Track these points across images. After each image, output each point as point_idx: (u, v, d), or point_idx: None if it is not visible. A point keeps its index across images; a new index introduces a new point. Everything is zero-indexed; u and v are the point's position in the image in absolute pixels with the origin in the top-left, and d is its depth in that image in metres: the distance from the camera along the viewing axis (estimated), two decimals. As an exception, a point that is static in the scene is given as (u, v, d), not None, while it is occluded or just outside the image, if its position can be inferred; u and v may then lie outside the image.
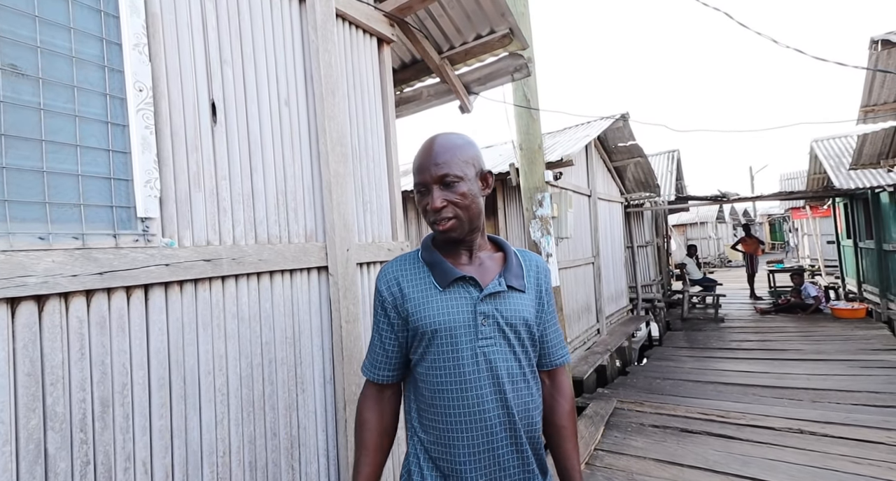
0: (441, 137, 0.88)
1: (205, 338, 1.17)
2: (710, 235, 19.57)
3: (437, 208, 0.84)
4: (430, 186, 0.85)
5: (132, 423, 1.00)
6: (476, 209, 0.88)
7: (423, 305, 0.87)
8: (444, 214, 0.85)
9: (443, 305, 0.87)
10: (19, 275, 0.82)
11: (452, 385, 0.85)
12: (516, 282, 0.90)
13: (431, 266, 0.91)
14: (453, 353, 0.86)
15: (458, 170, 0.85)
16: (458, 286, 0.88)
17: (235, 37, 1.33)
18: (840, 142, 7.94)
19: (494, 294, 0.87)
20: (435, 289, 0.88)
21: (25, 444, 0.83)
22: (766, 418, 3.22)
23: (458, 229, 0.87)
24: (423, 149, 0.88)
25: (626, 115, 5.71)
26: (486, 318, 0.86)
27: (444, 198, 0.84)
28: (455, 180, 0.84)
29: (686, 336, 6.34)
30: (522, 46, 2.25)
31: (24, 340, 0.84)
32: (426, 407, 0.89)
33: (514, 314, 0.88)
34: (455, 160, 0.85)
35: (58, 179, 0.92)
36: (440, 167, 0.84)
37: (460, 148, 0.87)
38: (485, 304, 0.86)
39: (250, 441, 1.26)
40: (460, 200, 0.85)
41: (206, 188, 1.20)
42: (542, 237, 3.48)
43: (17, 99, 0.87)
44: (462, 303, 0.87)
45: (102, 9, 1.01)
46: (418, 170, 0.87)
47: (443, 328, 0.86)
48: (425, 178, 0.86)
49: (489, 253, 0.95)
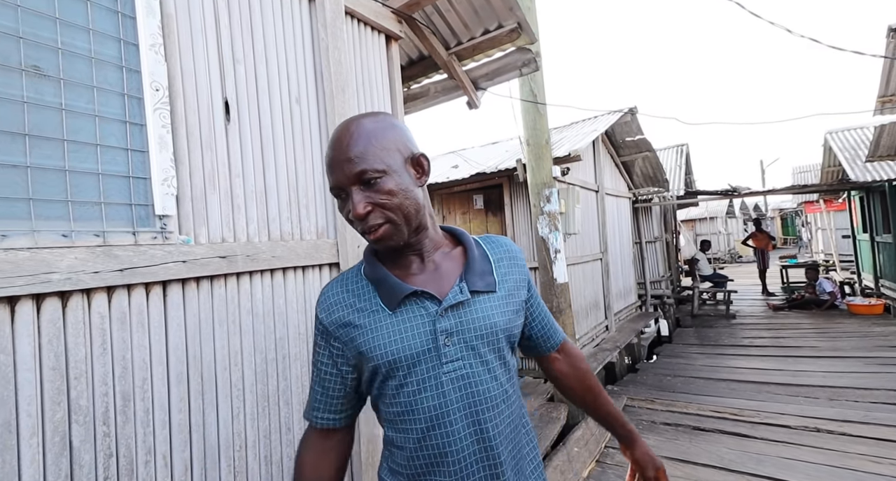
0: (352, 124, 0.69)
1: (221, 333, 1.19)
2: (720, 230, 19.33)
3: (360, 215, 0.67)
4: (348, 189, 0.68)
5: (152, 417, 1.02)
6: (412, 205, 0.70)
7: (372, 333, 0.71)
8: (371, 221, 0.68)
9: (394, 330, 0.71)
10: (44, 271, 0.84)
11: (416, 424, 0.71)
12: (482, 282, 0.75)
13: (376, 283, 0.74)
14: (415, 386, 0.71)
15: (378, 162, 0.67)
16: (411, 303, 0.72)
17: (247, 35, 1.35)
18: (855, 134, 7.78)
19: (456, 304, 0.72)
20: (383, 311, 0.72)
21: (51, 437, 0.85)
22: (781, 416, 3.18)
23: (395, 235, 0.70)
24: (331, 141, 0.70)
25: (634, 109, 5.65)
26: (450, 337, 0.71)
27: (366, 201, 0.67)
28: (376, 176, 0.67)
29: (696, 333, 6.28)
30: (531, 41, 2.24)
31: (48, 335, 0.86)
32: (393, 448, 0.76)
33: (484, 323, 0.73)
34: (372, 150, 0.67)
35: (79, 178, 0.94)
36: (354, 163, 0.66)
37: (377, 133, 0.69)
38: (445, 320, 0.71)
39: (265, 435, 1.28)
40: (388, 200, 0.68)
41: (221, 186, 1.22)
42: (549, 233, 3.47)
43: (40, 99, 0.89)
44: (417, 323, 0.71)
45: (120, 10, 1.03)
46: (329, 170, 0.70)
47: (398, 358, 0.70)
48: (339, 179, 0.68)
49: (446, 250, 0.79)
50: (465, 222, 5.10)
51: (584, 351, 4.61)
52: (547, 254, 3.46)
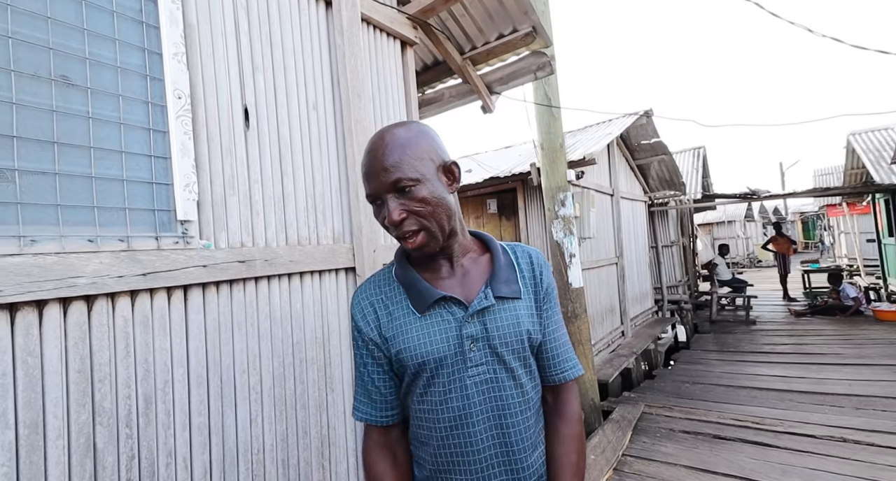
0: (386, 134, 0.73)
1: (240, 337, 1.20)
2: (739, 234, 18.92)
3: (395, 222, 0.71)
4: (384, 197, 0.72)
5: (173, 420, 1.03)
6: (444, 212, 0.74)
7: (403, 335, 0.75)
8: (407, 228, 0.72)
9: (422, 334, 0.74)
10: (70, 276, 0.86)
11: (440, 423, 0.75)
12: (507, 289, 0.77)
13: (407, 286, 0.78)
14: (441, 387, 0.74)
15: (412, 170, 0.70)
16: (439, 307, 0.75)
17: (266, 43, 1.37)
18: (880, 135, 7.56)
19: (482, 310, 0.75)
20: (412, 314, 0.76)
21: (76, 438, 0.87)
22: (806, 425, 3.08)
23: (431, 242, 0.74)
24: (366, 151, 0.74)
25: (649, 112, 5.58)
26: (475, 342, 0.74)
27: (401, 208, 0.71)
28: (410, 184, 0.70)
29: (715, 339, 6.13)
30: (546, 44, 2.23)
31: (74, 339, 0.88)
32: (418, 444, 0.80)
33: (508, 331, 0.75)
34: (406, 159, 0.70)
35: (105, 184, 0.96)
36: (389, 172, 0.70)
37: (411, 142, 0.72)
38: (471, 325, 0.74)
39: (283, 439, 1.28)
40: (422, 207, 0.71)
41: (240, 191, 1.24)
42: (564, 237, 3.43)
43: (68, 108, 0.91)
44: (444, 327, 0.74)
45: (144, 20, 1.06)
46: (366, 179, 0.73)
47: (426, 361, 0.73)
48: (375, 188, 0.72)
49: (475, 256, 0.82)
50: (478, 227, 5.10)
51: (600, 357, 4.54)
52: (562, 258, 3.43)
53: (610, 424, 3.27)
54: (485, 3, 2.07)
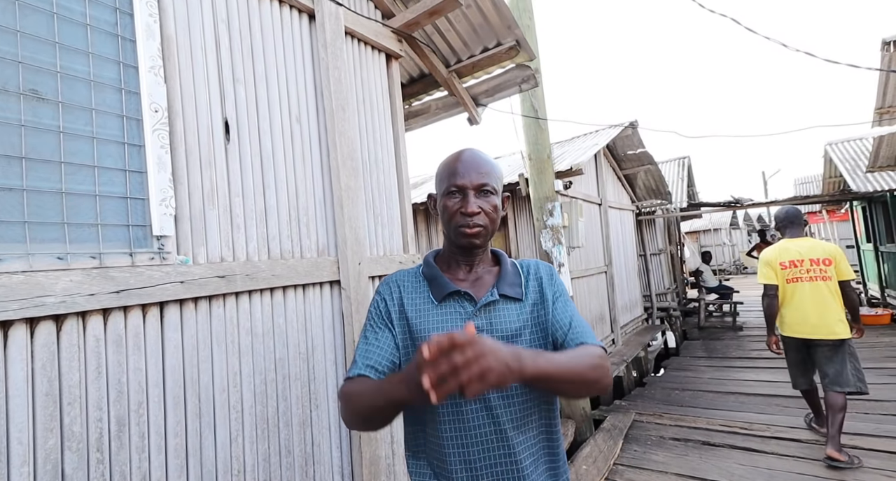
0: (478, 150, 0.91)
1: (219, 354, 1.17)
2: (725, 242, 19.23)
3: (472, 212, 0.85)
4: (467, 191, 0.86)
5: (148, 442, 1.00)
6: (495, 223, 0.89)
7: (420, 317, 0.88)
8: (476, 220, 0.85)
9: (438, 319, 0.87)
10: (38, 295, 0.83)
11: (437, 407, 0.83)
12: (511, 290, 0.89)
13: (430, 280, 0.92)
14: None
15: (495, 183, 0.88)
16: (453, 300, 0.88)
17: (248, 56, 1.36)
18: (855, 145, 7.79)
19: (488, 306, 0.87)
20: (431, 303, 0.89)
21: (43, 465, 0.83)
22: (792, 430, 3.11)
23: (483, 238, 0.88)
24: (459, 156, 0.89)
25: (634, 123, 5.68)
26: (480, 333, 0.82)
27: (478, 204, 0.86)
28: (492, 191, 0.87)
29: (704, 345, 6.18)
30: (529, 58, 2.26)
31: (42, 360, 0.85)
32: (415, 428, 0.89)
33: (508, 326, 0.86)
34: (493, 174, 0.88)
35: (76, 200, 0.93)
36: (482, 176, 0.86)
37: (495, 166, 0.91)
38: (478, 318, 0.86)
39: (265, 458, 1.25)
40: (492, 212, 0.87)
41: (220, 205, 1.22)
42: (553, 247, 3.45)
43: (37, 123, 0.89)
44: (456, 317, 0.86)
45: (120, 33, 1.04)
46: (455, 174, 0.87)
47: None
48: (463, 182, 0.86)
49: (488, 266, 0.96)
50: (466, 236, 5.08)
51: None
52: (549, 267, 3.43)
53: (601, 433, 3.25)
54: (469, 18, 2.10)
